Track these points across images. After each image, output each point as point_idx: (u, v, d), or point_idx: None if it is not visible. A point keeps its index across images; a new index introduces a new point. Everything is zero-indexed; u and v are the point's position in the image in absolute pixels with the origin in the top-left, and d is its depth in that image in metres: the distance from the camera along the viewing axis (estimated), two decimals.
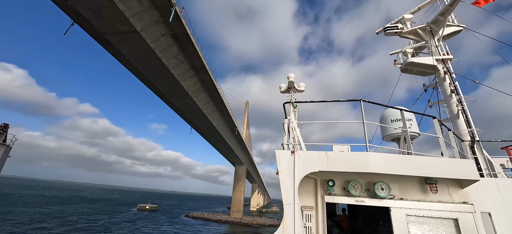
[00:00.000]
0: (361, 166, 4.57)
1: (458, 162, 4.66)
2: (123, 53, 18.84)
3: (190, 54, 21.09)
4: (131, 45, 17.87)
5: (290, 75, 6.87)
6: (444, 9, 10.83)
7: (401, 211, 4.63)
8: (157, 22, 17.07)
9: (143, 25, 16.01)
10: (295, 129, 5.58)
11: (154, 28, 16.87)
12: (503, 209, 5.41)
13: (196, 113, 31.88)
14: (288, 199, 4.62)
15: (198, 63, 22.84)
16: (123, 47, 18.27)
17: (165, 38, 18.36)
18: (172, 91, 25.44)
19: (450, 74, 9.72)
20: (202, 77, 25.82)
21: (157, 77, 22.91)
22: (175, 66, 21.34)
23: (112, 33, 16.66)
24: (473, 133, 7.99)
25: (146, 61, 20.25)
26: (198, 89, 27.31)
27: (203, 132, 40.90)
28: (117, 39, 17.38)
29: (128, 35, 16.52)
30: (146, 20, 15.97)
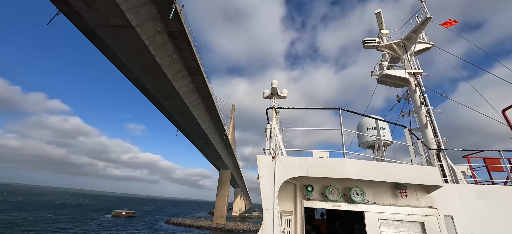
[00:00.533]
0: (338, 172, 4.75)
1: (424, 169, 5.04)
2: (112, 48, 17.68)
3: (185, 53, 20.38)
4: (123, 40, 16.85)
5: (273, 81, 6.99)
6: (416, 27, 11.76)
7: (374, 215, 4.86)
8: (154, 18, 16.25)
9: (139, 20, 15.14)
10: (276, 135, 5.66)
11: (150, 24, 16.02)
12: (464, 213, 5.92)
13: (185, 115, 30.89)
14: (268, 204, 4.65)
15: (192, 64, 22.13)
16: (113, 42, 17.13)
17: (160, 35, 17.34)
18: (162, 91, 24.44)
19: (420, 87, 10.53)
20: (195, 78, 25.08)
21: (147, 75, 21.87)
22: (168, 65, 20.50)
23: (103, 26, 15.59)
24: (439, 142, 8.70)
25: (138, 58, 19.20)
26: (190, 91, 26.24)
27: (190, 134, 39.80)
28: (108, 33, 16.30)
29: (121, 30, 15.33)
30: (142, 15, 15.12)
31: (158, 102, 27.57)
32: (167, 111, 30.18)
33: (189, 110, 28.47)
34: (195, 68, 22.82)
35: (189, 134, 39.67)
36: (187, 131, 38.19)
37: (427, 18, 11.31)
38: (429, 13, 11.32)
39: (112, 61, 19.85)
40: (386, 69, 11.32)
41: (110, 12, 14.25)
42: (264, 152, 5.88)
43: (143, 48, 16.94)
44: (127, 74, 21.96)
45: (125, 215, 72.19)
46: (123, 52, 18.69)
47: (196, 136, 40.53)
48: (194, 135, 39.99)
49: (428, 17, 11.29)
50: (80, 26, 15.71)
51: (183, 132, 39.85)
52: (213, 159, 61.19)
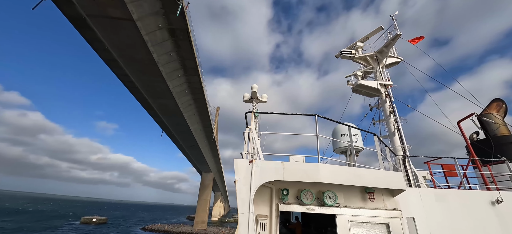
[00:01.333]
0: (312, 176, 4.91)
1: (390, 174, 5.42)
2: (104, 41, 16.15)
3: (184, 52, 19.38)
4: (119, 34, 15.32)
5: (253, 85, 7.07)
6: (387, 42, 12.72)
7: (345, 217, 5.10)
8: (156, 13, 14.99)
9: (140, 14, 14.23)
10: (255, 139, 5.71)
11: (151, 19, 15.14)
12: (424, 214, 6.46)
13: (174, 116, 29.40)
14: (243, 208, 4.65)
15: (190, 64, 20.96)
16: (107, 34, 15.65)
17: (161, 32, 16.40)
18: (153, 90, 22.97)
19: (390, 97, 11.36)
20: (190, 79, 23.95)
21: (139, 73, 20.40)
22: (165, 63, 19.33)
23: (98, 17, 14.14)
24: (405, 149, 9.44)
25: (132, 54, 17.79)
26: (183, 91, 25.14)
27: (177, 136, 38.21)
28: (103, 24, 14.80)
29: (119, 22, 14.18)
30: (145, 8, 14.26)
31: (146, 101, 26.08)
32: (154, 111, 28.72)
33: (180, 111, 27.33)
34: (192, 68, 21.85)
35: (175, 135, 38.15)
36: (174, 133, 36.71)
37: (397, 35, 12.31)
38: (398, 30, 12.33)
39: (100, 55, 18.30)
40: (360, 80, 12.03)
41: (110, 2, 13.13)
42: (241, 156, 5.89)
43: (141, 44, 16.00)
44: (116, 70, 20.44)
45: (95, 221, 66.04)
46: (116, 46, 17.29)
47: (183, 138, 39.12)
48: (180, 137, 38.54)
49: (398, 34, 12.29)
50: (70, 14, 14.20)
51: (168, 133, 38.26)
52: (197, 162, 59.45)
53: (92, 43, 17.08)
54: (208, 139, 43.96)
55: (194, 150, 45.52)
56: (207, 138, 43.81)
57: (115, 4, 13.33)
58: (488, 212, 6.70)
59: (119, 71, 20.82)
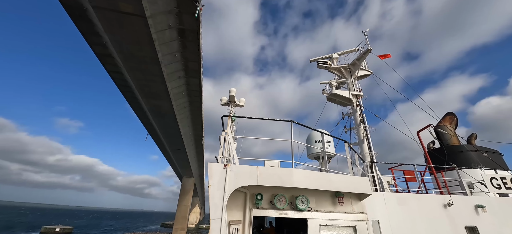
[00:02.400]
0: (286, 181, 5.00)
1: (358, 179, 5.74)
2: (102, 35, 14.61)
3: (189, 54, 18.42)
4: (124, 29, 14.39)
5: (231, 89, 7.05)
6: (359, 56, 13.65)
7: (316, 221, 5.26)
8: (169, 12, 14.38)
9: (154, 11, 13.66)
10: (230, 143, 5.66)
11: (163, 17, 14.59)
12: (387, 217, 6.93)
13: (166, 118, 27.85)
14: (216, 213, 4.54)
15: (193, 65, 19.95)
16: (111, 29, 14.32)
17: (170, 31, 15.75)
18: (149, 90, 21.46)
19: (360, 107, 12.13)
20: (189, 80, 22.79)
21: (137, 71, 18.89)
22: (168, 63, 18.12)
23: (105, 10, 12.86)
24: (372, 155, 10.11)
25: (135, 52, 16.43)
26: (180, 92, 23.98)
27: (164, 139, 36.35)
28: (109, 18, 13.67)
29: (128, 18, 13.40)
30: (159, 6, 13.75)
31: (137, 101, 24.28)
32: (143, 112, 26.99)
33: (174, 113, 26.03)
34: (195, 70, 20.96)
35: (162, 138, 36.32)
36: (161, 135, 34.95)
37: (368, 49, 13.28)
38: (369, 46, 13.32)
39: (93, 48, 16.62)
40: (334, 89, 12.69)
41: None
42: (216, 160, 5.78)
43: (148, 41, 15.25)
44: (109, 67, 18.77)
45: (59, 231, 58.10)
46: (118, 42, 15.88)
47: (170, 141, 37.35)
48: (168, 140, 36.74)
49: (369, 49, 13.27)
50: (69, 3, 12.75)
51: (154, 135, 36.36)
52: (179, 167, 56.98)
53: (87, 35, 15.67)
54: (196, 142, 42.63)
55: (180, 153, 43.80)
56: (195, 142, 42.52)
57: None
58: (441, 214, 7.43)
59: (112, 68, 19.38)
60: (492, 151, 11.41)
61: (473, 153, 10.37)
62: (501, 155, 11.47)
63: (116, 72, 20.13)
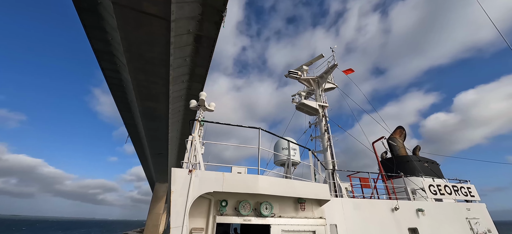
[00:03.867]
0: (251, 187, 5.06)
1: (318, 186, 6.10)
2: (109, 31, 13.67)
3: (199, 59, 17.62)
4: (141, 29, 13.70)
5: (202, 93, 6.95)
6: (327, 69, 14.66)
7: (278, 227, 5.41)
8: (192, 18, 14.13)
9: (178, 16, 13.24)
10: (197, 148, 5.53)
11: (185, 22, 14.23)
12: (344, 221, 7.46)
13: (157, 121, 26.27)
14: (177, 221, 4.37)
15: (199, 71, 19.27)
16: (126, 27, 13.59)
17: (187, 36, 15.37)
18: (147, 91, 19.88)
19: (325, 117, 12.97)
20: (192, 85, 22.06)
21: (140, 72, 17.53)
22: (176, 67, 17.48)
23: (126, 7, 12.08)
24: (334, 163, 10.86)
25: (144, 52, 15.49)
26: (179, 96, 22.82)
27: (148, 142, 33.33)
28: (127, 16, 12.95)
29: (149, 19, 12.80)
30: (185, 11, 13.38)
31: (127, 101, 22.32)
32: (131, 113, 24.91)
33: (167, 117, 24.82)
34: (200, 76, 20.29)
35: (145, 141, 33.53)
36: (146, 138, 32.24)
37: (334, 65, 14.36)
38: (336, 61, 14.43)
39: (94, 44, 15.38)
40: (303, 99, 13.36)
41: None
42: (181, 165, 5.59)
43: (163, 44, 14.78)
44: (106, 63, 16.98)
45: None
46: (128, 40, 14.70)
47: (154, 145, 34.68)
48: (152, 143, 34.05)
49: (335, 64, 14.35)
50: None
51: (135, 137, 33.78)
52: (155, 171, 53.12)
53: (89, 29, 14.54)
54: (179, 148, 41.52)
55: (160, 158, 41.46)
56: (179, 147, 41.38)
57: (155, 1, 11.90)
58: (389, 217, 8.29)
59: (109, 66, 17.90)
60: (431, 161, 13.20)
61: (416, 163, 11.88)
62: (438, 165, 13.33)
63: (112, 70, 18.95)
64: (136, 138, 34.40)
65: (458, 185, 11.10)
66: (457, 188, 10.99)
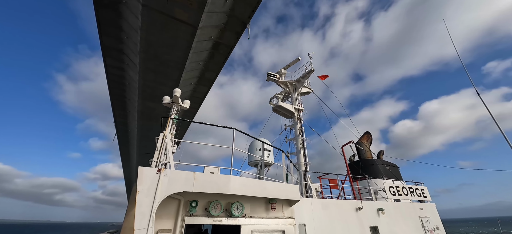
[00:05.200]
0: (223, 187, 5.01)
1: (289, 186, 6.29)
2: (126, 31, 13.35)
3: (212, 65, 17.41)
4: (164, 33, 13.34)
5: (176, 90, 6.73)
6: (303, 74, 15.20)
7: (248, 227, 5.45)
8: (216, 26, 14.24)
9: (205, 24, 13.32)
10: (167, 146, 5.32)
11: (209, 30, 14.38)
12: (313, 220, 7.78)
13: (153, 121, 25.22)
14: (142, 223, 4.15)
15: (209, 75, 19.04)
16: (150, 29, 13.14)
17: (207, 42, 15.38)
18: (151, 92, 19.24)
19: (300, 120, 13.42)
20: (197, 88, 21.27)
21: (151, 72, 16.90)
22: (190, 70, 17.22)
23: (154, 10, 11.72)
24: (306, 165, 11.29)
25: (160, 54, 15.21)
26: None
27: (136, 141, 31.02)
28: (154, 19, 12.56)
29: (176, 23, 12.56)
30: (212, 20, 13.47)
31: (124, 100, 21.18)
32: (125, 111, 23.58)
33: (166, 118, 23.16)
34: (209, 80, 20.02)
35: (134, 140, 31.17)
36: (137, 138, 30.07)
37: (310, 70, 14.94)
38: (312, 67, 15.02)
39: (103, 39, 14.43)
40: (280, 101, 13.66)
41: (185, 2, 11.20)
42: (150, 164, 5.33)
43: (184, 48, 14.72)
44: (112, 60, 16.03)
45: None
46: (149, 42, 14.37)
47: (144, 145, 32.59)
48: (142, 143, 31.98)
49: (311, 70, 14.94)
50: None
51: (124, 136, 31.70)
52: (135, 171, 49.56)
53: (103, 25, 13.75)
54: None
55: (146, 157, 39.41)
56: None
57: (188, 7, 11.65)
58: (353, 216, 8.87)
59: (115, 63, 17.08)
60: (393, 165, 14.43)
61: (380, 166, 12.90)
62: (398, 168, 14.63)
63: (117, 67, 18.00)
64: (124, 136, 32.65)
65: (413, 186, 12.30)
66: (413, 190, 12.19)
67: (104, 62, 19.14)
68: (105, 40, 16.87)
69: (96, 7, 14.36)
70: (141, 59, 18.45)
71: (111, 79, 20.98)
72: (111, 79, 20.95)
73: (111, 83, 21.78)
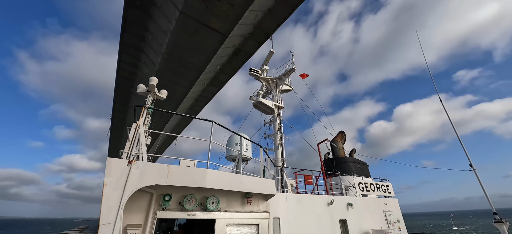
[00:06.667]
0: (198, 181, 4.93)
1: (265, 181, 6.39)
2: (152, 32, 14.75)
3: (228, 68, 18.12)
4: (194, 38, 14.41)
5: (152, 78, 6.41)
6: (285, 72, 15.41)
7: (223, 221, 5.45)
8: (242, 35, 15.18)
9: (235, 33, 14.32)
10: (140, 137, 5.07)
11: (235, 38, 15.31)
12: (287, 214, 8.02)
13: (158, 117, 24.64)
14: (109, 217, 3.92)
15: (223, 78, 19.78)
16: (181, 33, 14.12)
17: (230, 49, 16.36)
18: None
19: (280, 117, 13.65)
20: (208, 88, 22.54)
21: (168, 72, 17.73)
22: (208, 72, 18.15)
23: (190, 18, 12.82)
24: (283, 161, 11.56)
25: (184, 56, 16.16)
26: (193, 97, 23.69)
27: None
28: (187, 24, 13.68)
29: (207, 31, 13.64)
30: (241, 30, 14.49)
31: (128, 96, 22.13)
32: (127, 106, 24.66)
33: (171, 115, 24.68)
34: (221, 81, 20.86)
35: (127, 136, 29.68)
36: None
37: (292, 68, 15.20)
38: (294, 65, 15.29)
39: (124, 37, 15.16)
40: (260, 97, 13.73)
41: (221, 13, 12.27)
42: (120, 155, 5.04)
43: (210, 54, 15.64)
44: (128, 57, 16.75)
45: None
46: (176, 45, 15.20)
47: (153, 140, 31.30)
48: None
49: (293, 68, 15.20)
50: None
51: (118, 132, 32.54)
52: None
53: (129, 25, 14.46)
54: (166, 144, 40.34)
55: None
56: (166, 144, 40.15)
57: (223, 18, 12.62)
58: (325, 210, 9.32)
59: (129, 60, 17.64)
60: (363, 163, 15.40)
61: (351, 164, 13.70)
62: (367, 166, 15.66)
63: (130, 64, 18.91)
64: (118, 131, 31.73)
65: (380, 183, 13.27)
66: (379, 186, 13.15)
67: (118, 58, 19.16)
68: (126, 38, 17.26)
69: (126, 6, 14.44)
70: (163, 60, 18.86)
71: (121, 75, 21.00)
72: (122, 75, 20.88)
73: (121, 79, 21.59)
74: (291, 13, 14.34)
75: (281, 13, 14.23)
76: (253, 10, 14.05)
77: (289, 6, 13.97)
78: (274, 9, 13.86)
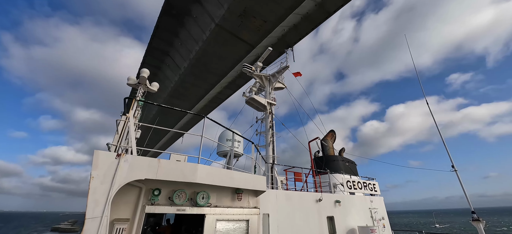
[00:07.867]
0: (189, 176, 4.91)
1: (255, 177, 6.44)
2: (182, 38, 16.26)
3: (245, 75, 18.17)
4: (223, 47, 15.66)
5: (144, 70, 6.27)
6: (279, 69, 15.42)
7: (213, 216, 5.46)
8: (265, 46, 15.78)
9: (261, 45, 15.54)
10: (130, 130, 4.97)
11: (261, 48, 16.38)
12: (276, 210, 8.13)
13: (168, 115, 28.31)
14: (95, 211, 3.85)
15: (239, 82, 21.24)
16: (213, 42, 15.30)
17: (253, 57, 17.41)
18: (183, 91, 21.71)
19: (272, 114, 13.71)
20: (225, 91, 23.88)
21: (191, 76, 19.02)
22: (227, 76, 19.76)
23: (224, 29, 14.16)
24: (274, 158, 11.66)
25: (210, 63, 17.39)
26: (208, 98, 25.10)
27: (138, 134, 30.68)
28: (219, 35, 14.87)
29: (236, 41, 14.98)
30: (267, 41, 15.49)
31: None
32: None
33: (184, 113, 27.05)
34: (237, 85, 22.20)
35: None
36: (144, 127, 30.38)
37: (286, 66, 15.23)
38: (288, 63, 15.33)
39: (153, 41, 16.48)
40: (253, 94, 13.72)
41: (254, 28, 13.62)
42: (108, 147, 4.93)
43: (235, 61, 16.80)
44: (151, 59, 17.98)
45: None
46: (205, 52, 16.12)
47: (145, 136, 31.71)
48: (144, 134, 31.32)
49: (287, 66, 15.24)
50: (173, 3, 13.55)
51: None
52: None
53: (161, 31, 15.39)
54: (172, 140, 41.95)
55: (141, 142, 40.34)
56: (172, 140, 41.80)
57: (254, 32, 13.48)
58: (313, 207, 9.52)
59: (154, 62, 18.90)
60: (351, 161, 15.77)
61: (340, 162, 14.00)
62: (355, 164, 16.05)
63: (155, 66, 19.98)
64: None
65: (367, 181, 13.66)
66: (366, 184, 13.54)
67: (143, 59, 19.32)
68: (155, 42, 17.33)
69: (161, 14, 14.95)
70: (190, 65, 19.64)
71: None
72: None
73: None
74: (314, 29, 15.12)
75: (304, 29, 15.79)
76: (282, 26, 14.92)
77: (313, 23, 15.27)
78: (299, 25, 14.68)
